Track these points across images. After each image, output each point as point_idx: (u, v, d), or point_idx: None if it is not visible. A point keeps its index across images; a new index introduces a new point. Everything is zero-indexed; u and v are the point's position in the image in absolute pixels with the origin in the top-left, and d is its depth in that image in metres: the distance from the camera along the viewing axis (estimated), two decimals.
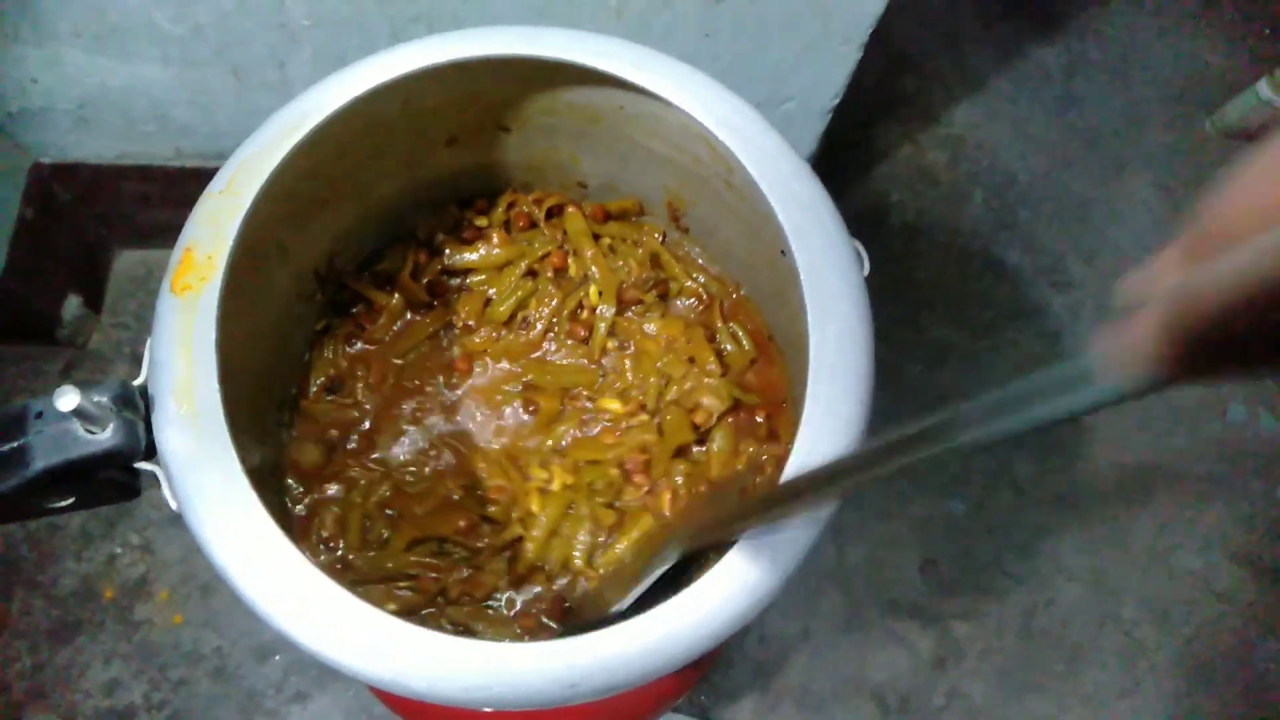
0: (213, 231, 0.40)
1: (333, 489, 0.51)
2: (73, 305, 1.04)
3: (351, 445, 0.53)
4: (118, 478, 0.39)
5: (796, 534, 0.38)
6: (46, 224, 0.97)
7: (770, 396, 0.54)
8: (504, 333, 0.57)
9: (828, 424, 0.38)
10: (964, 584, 1.10)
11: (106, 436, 0.37)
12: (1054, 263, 1.26)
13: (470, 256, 0.57)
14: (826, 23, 0.81)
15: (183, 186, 0.99)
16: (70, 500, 0.39)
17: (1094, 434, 1.17)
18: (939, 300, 1.23)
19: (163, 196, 1.01)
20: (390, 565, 0.49)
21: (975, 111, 1.34)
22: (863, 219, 1.26)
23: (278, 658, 1.01)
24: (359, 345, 0.55)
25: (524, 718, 0.70)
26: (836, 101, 0.93)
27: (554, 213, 0.60)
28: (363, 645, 0.35)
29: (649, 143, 0.52)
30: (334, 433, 0.53)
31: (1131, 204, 1.29)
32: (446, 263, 0.57)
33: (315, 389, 0.54)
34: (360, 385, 0.54)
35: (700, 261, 0.60)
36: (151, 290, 1.14)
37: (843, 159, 1.29)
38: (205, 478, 0.37)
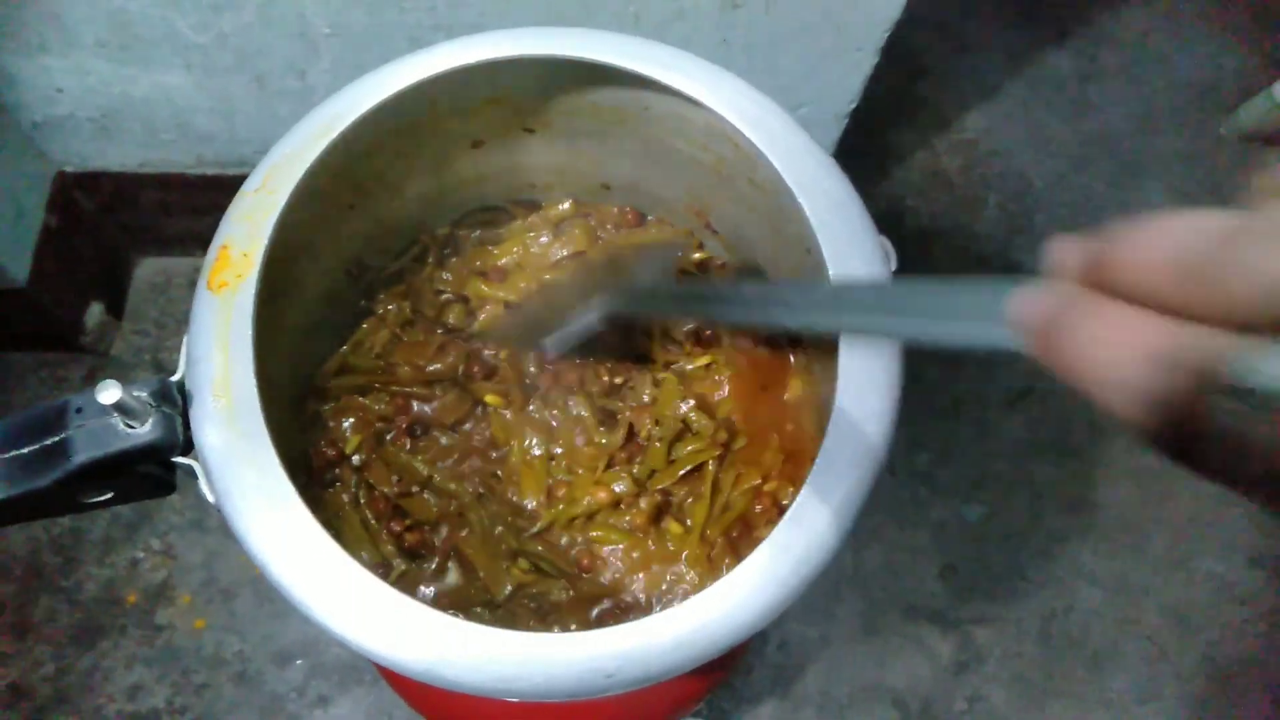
0: (249, 230, 0.41)
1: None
2: (95, 313, 1.05)
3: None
4: (155, 472, 0.39)
5: (824, 533, 0.39)
6: (70, 232, 0.98)
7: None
8: None
9: (856, 419, 0.38)
10: (983, 589, 1.10)
11: (146, 430, 0.37)
12: None
13: (501, 232, 0.58)
14: (841, 30, 0.82)
15: (203, 194, 1.00)
16: (109, 495, 0.40)
17: (1111, 437, 1.17)
18: None
19: (183, 205, 1.03)
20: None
21: (989, 117, 1.34)
22: (878, 222, 1.26)
23: (300, 662, 1.02)
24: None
25: (551, 710, 0.71)
26: (852, 107, 0.94)
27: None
28: (399, 635, 0.35)
29: (673, 142, 0.52)
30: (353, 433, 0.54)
31: (1146, 208, 1.28)
32: (471, 245, 0.58)
33: (337, 386, 0.54)
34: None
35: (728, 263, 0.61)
36: (172, 297, 1.15)
37: (857, 164, 1.28)
38: (243, 471, 0.37)
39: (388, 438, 0.54)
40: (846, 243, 0.41)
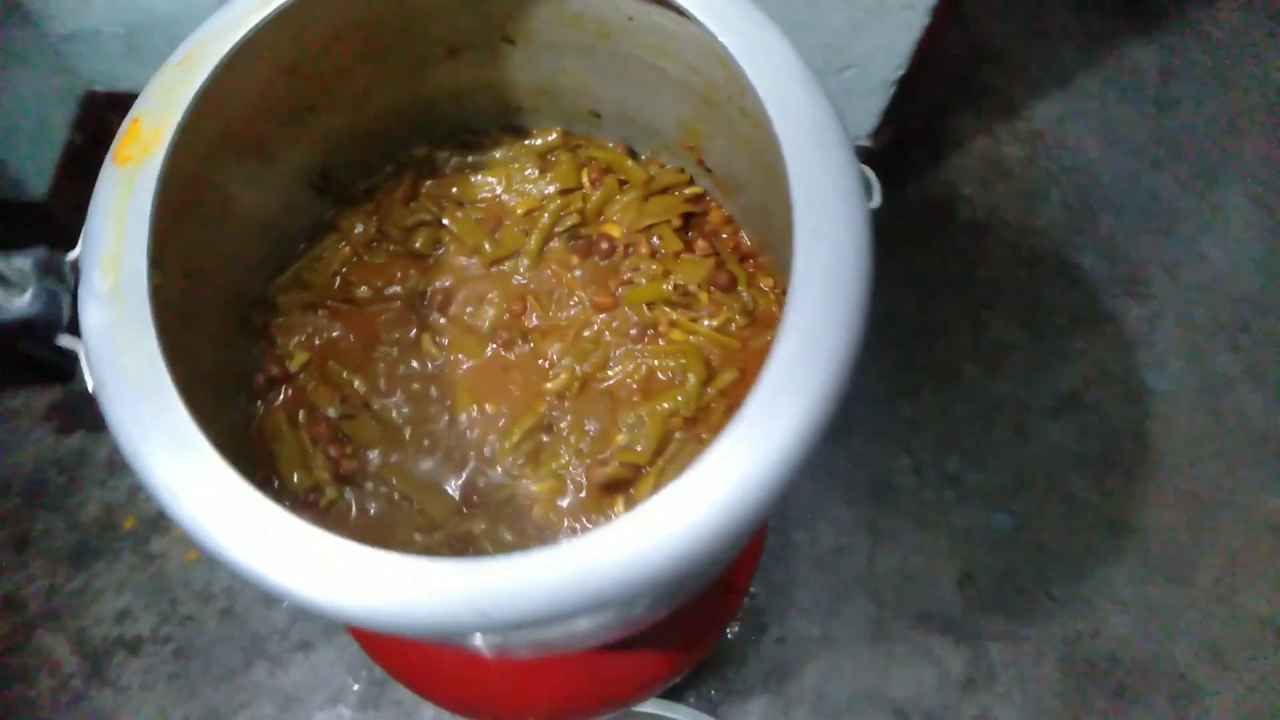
0: (164, 104, 0.38)
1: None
2: None
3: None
4: (42, 353, 0.37)
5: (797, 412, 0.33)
6: (95, 153, 0.98)
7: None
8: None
9: (802, 358, 0.33)
10: (1003, 603, 1.03)
11: (24, 303, 0.35)
12: (1133, 271, 1.18)
13: (483, 159, 0.55)
14: None
15: None
16: None
17: (1161, 456, 1.09)
18: (1003, 301, 1.16)
19: None
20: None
21: (1059, 108, 1.26)
22: (930, 210, 1.20)
23: (286, 604, 1.00)
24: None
25: (509, 675, 0.67)
26: (900, 74, 0.88)
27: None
28: (263, 545, 0.32)
29: (660, 62, 0.48)
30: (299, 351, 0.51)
31: (1223, 216, 1.20)
32: (450, 169, 0.54)
33: (287, 301, 0.51)
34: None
35: (727, 211, 0.56)
36: None
37: (913, 148, 1.22)
38: (123, 356, 0.34)
39: (333, 359, 0.51)
40: (818, 165, 0.37)
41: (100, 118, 0.98)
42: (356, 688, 0.97)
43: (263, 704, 0.97)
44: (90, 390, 0.35)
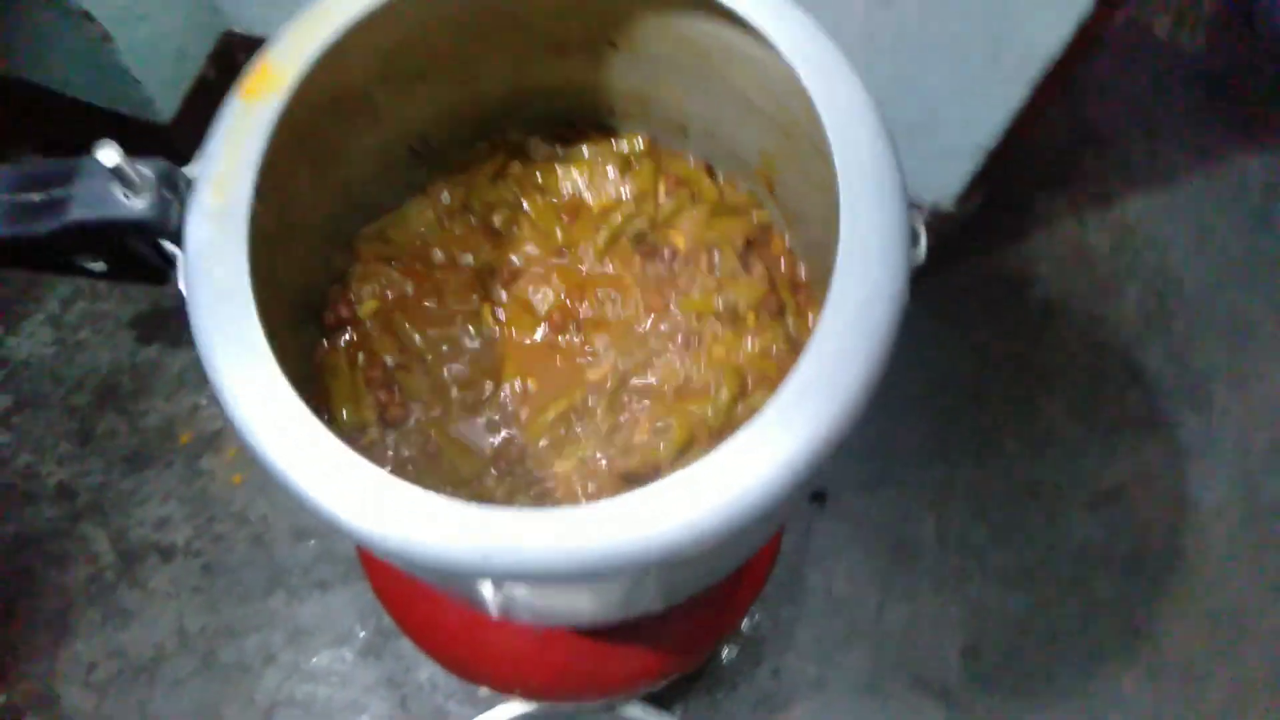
0: (293, 50, 0.42)
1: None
2: None
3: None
4: (147, 254, 0.41)
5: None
6: (225, 89, 1.04)
7: None
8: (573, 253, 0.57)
9: (821, 378, 0.36)
10: (1004, 683, 1.03)
11: (142, 206, 0.39)
12: (1199, 381, 1.16)
13: (571, 152, 0.58)
14: (995, 52, 0.78)
15: None
16: (101, 265, 0.41)
17: (1193, 571, 1.07)
18: (1060, 386, 1.16)
19: None
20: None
21: (1154, 205, 1.25)
22: (1002, 283, 1.20)
23: (313, 542, 1.05)
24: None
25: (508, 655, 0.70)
26: (992, 144, 0.89)
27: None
28: (304, 458, 0.35)
29: (750, 94, 0.50)
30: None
31: None
32: (539, 157, 0.58)
33: (369, 250, 0.55)
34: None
35: (788, 242, 0.59)
36: None
37: (999, 218, 1.23)
38: (215, 268, 0.38)
39: (400, 312, 0.55)
40: (868, 207, 0.39)
41: (233, 57, 1.05)
42: (363, 634, 1.01)
43: (275, 631, 1.01)
44: (181, 291, 0.39)
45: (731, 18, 0.46)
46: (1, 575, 1.02)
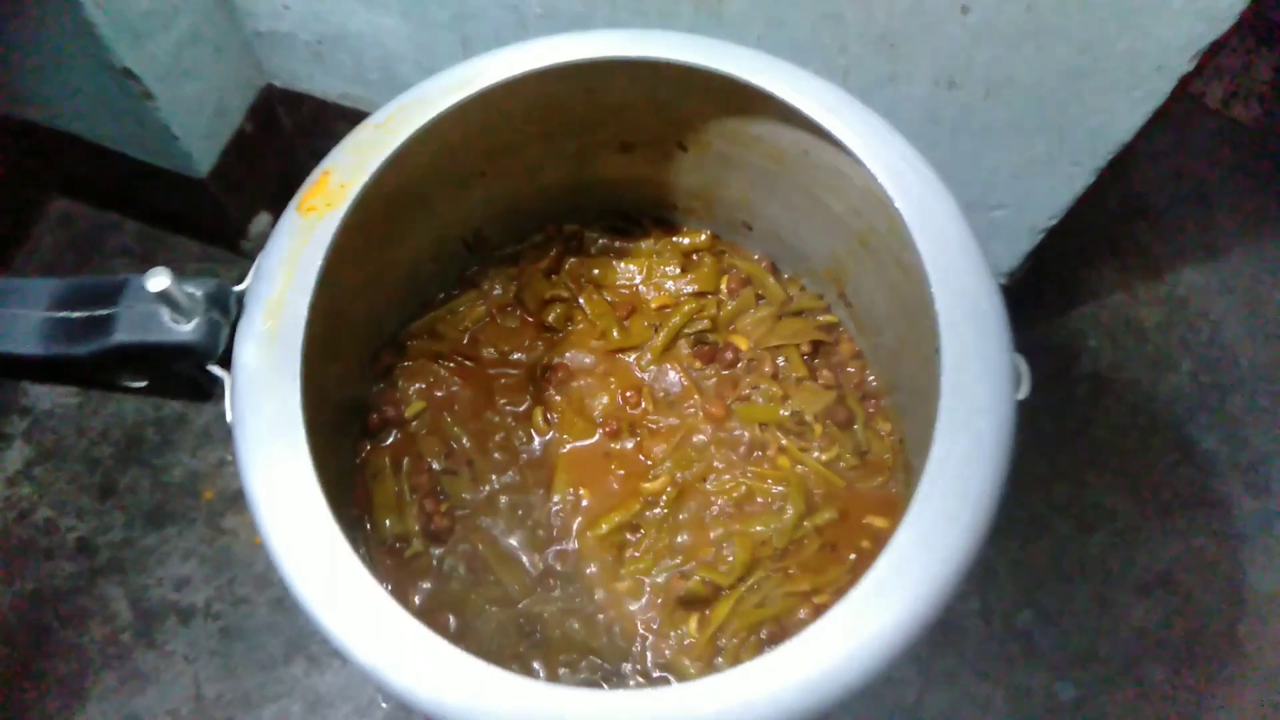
0: (356, 162, 0.39)
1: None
2: (262, 221, 1.10)
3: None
4: (192, 374, 0.38)
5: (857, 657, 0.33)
6: (262, 142, 1.03)
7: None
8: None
9: (918, 553, 0.33)
10: None
11: (188, 330, 0.36)
12: (1256, 461, 1.12)
13: (629, 246, 0.56)
14: (1061, 138, 0.75)
15: None
16: (143, 383, 0.39)
17: (1250, 661, 1.03)
18: (1110, 463, 1.12)
19: None
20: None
21: (1208, 279, 1.22)
22: (1052, 355, 1.16)
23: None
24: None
25: None
26: (1053, 224, 0.86)
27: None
28: (367, 631, 0.32)
29: (826, 198, 0.48)
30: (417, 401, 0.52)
31: None
32: (596, 250, 0.55)
33: (417, 347, 0.53)
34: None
35: (858, 346, 0.56)
36: None
37: (1047, 288, 1.19)
38: (265, 399, 0.35)
39: (447, 413, 0.52)
40: (972, 349, 0.36)
41: (272, 110, 1.03)
42: (385, 706, 0.98)
43: (294, 701, 0.98)
44: (228, 420, 0.37)
45: (810, 125, 0.43)
46: (17, 634, 0.99)
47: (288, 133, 1.07)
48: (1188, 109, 1.28)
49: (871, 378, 0.55)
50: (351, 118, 1.00)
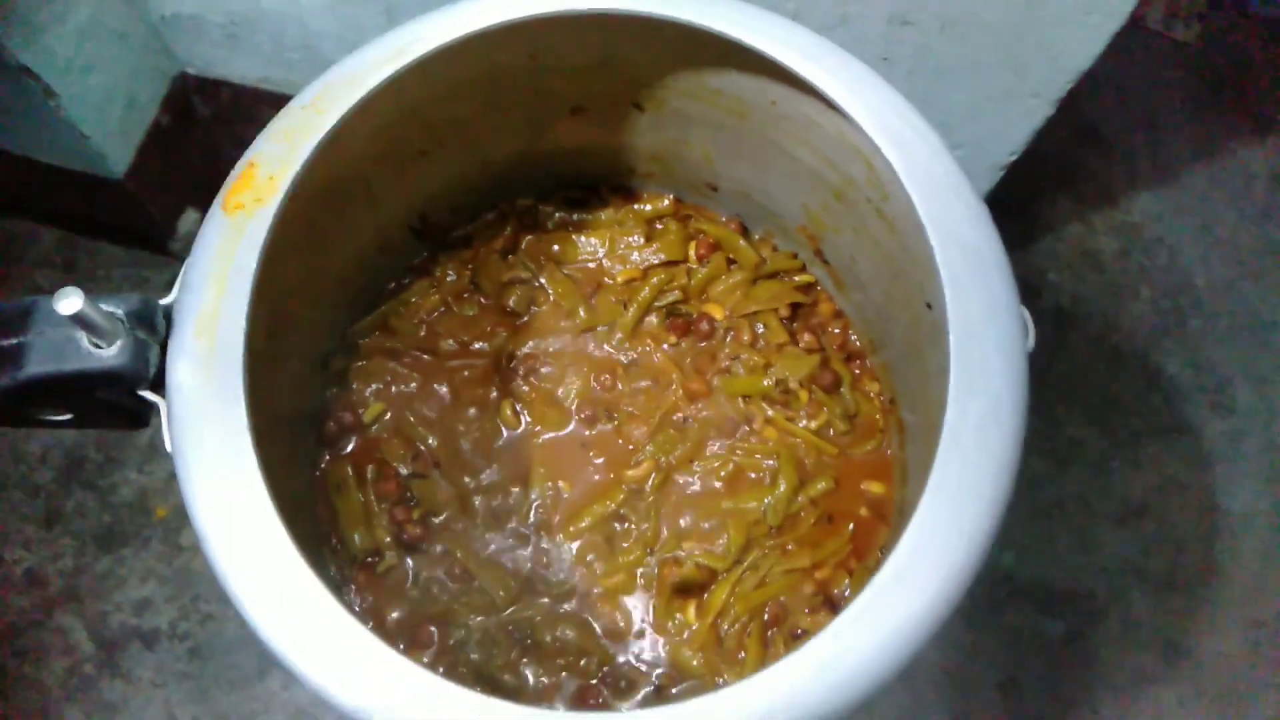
0: (283, 150, 0.35)
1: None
2: (190, 220, 1.04)
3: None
4: (123, 402, 0.34)
5: (880, 649, 0.30)
6: (180, 135, 0.97)
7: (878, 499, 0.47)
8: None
9: (942, 527, 0.30)
10: (1046, 715, 0.98)
11: (111, 354, 0.32)
12: (1219, 383, 1.13)
13: (588, 218, 0.52)
14: (1020, 72, 0.73)
15: None
16: (67, 416, 0.35)
17: (1229, 581, 1.04)
18: (1081, 397, 1.11)
19: None
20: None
21: (1160, 203, 1.21)
22: None
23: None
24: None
25: None
26: (1013, 159, 0.84)
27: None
28: (327, 653, 0.29)
29: (796, 151, 0.45)
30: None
31: None
32: (553, 225, 0.51)
33: (369, 345, 0.49)
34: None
35: (838, 306, 0.53)
36: None
37: (1006, 224, 1.18)
38: (206, 427, 0.32)
39: (409, 413, 0.48)
40: (980, 305, 0.33)
41: (189, 100, 0.97)
42: None
43: (273, 716, 0.94)
44: (168, 450, 0.33)
45: (777, 71, 0.40)
46: None
47: (207, 123, 1.00)
48: (1129, 32, 1.27)
49: (855, 337, 0.52)
50: (275, 102, 0.94)
